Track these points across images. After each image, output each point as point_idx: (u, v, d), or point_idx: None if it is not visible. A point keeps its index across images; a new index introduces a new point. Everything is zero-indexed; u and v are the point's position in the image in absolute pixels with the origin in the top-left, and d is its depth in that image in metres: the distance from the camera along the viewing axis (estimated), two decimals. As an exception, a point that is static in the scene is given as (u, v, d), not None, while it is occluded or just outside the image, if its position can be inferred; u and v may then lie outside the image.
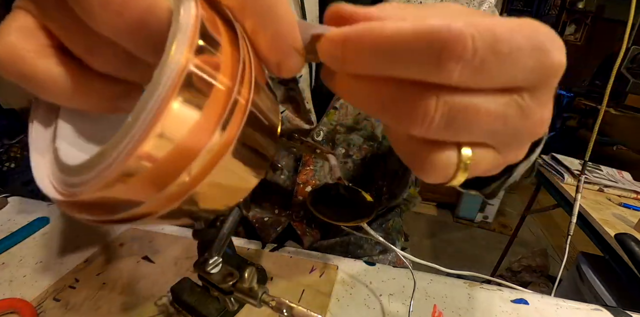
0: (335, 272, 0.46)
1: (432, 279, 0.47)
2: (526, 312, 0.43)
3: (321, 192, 0.41)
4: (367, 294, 0.43)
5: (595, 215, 0.93)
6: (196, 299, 0.37)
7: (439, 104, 0.13)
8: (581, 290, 1.02)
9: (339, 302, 0.42)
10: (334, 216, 0.38)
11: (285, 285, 0.43)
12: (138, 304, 0.39)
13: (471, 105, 0.13)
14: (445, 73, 0.12)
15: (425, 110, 0.13)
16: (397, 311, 0.41)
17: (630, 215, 0.95)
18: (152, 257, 0.46)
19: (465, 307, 0.43)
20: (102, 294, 0.40)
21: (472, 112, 0.13)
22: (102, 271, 0.43)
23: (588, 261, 1.05)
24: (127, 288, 0.41)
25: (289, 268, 0.46)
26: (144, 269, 0.44)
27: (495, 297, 0.45)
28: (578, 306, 0.45)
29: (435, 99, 0.13)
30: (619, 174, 1.22)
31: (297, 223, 0.56)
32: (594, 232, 0.92)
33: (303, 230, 0.56)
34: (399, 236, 0.68)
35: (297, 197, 0.54)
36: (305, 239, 0.56)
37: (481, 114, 0.13)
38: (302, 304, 0.30)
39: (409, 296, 0.43)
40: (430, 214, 2.40)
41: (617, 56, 0.60)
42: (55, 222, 0.53)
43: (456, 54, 0.12)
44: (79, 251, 0.47)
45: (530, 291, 0.47)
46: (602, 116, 0.65)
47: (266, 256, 0.48)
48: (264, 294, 0.24)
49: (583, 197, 1.01)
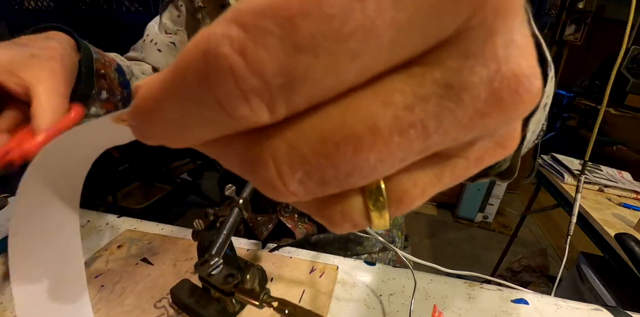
0: (335, 272, 0.46)
1: (432, 279, 0.47)
2: (526, 312, 0.43)
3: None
4: (367, 294, 0.43)
5: (595, 215, 0.93)
6: (196, 300, 0.37)
7: (283, 173, 0.08)
8: (581, 290, 1.02)
9: (339, 302, 0.42)
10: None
11: (285, 285, 0.43)
12: (137, 306, 0.39)
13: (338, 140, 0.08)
14: (244, 120, 0.08)
15: (272, 186, 0.09)
16: (397, 311, 0.41)
17: (630, 215, 0.95)
18: (151, 259, 0.46)
19: (465, 307, 0.43)
20: (101, 297, 0.39)
21: (349, 150, 0.08)
22: (100, 273, 0.43)
23: (588, 261, 1.04)
24: (126, 290, 0.41)
25: (289, 268, 0.46)
26: (143, 271, 0.44)
27: (495, 297, 0.45)
28: (578, 306, 0.45)
29: (274, 166, 0.08)
30: (619, 174, 1.22)
31: (286, 218, 0.56)
32: (594, 232, 0.92)
33: (294, 224, 0.56)
34: (399, 233, 0.68)
35: None
36: (297, 231, 0.56)
37: (366, 143, 0.08)
38: (303, 305, 0.30)
39: (409, 296, 0.43)
40: (430, 214, 2.40)
41: (617, 56, 0.60)
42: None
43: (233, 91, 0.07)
44: (79, 252, 0.47)
45: (530, 291, 0.47)
46: (602, 116, 0.64)
47: (266, 257, 0.48)
48: (265, 295, 0.24)
49: (583, 197, 1.01)
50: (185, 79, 0.08)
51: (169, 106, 0.08)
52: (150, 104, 0.09)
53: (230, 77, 0.07)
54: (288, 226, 0.56)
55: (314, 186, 0.08)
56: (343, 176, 0.08)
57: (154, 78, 0.09)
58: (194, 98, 0.08)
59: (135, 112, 0.09)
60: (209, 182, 2.30)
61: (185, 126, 0.09)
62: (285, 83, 0.07)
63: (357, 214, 0.09)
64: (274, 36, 0.07)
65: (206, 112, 0.08)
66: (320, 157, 0.08)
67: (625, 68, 2.44)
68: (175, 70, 0.08)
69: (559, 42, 2.15)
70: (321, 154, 0.08)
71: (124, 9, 2.21)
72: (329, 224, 0.10)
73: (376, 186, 0.09)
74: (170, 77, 0.08)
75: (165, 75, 0.08)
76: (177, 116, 0.09)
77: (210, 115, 0.08)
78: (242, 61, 0.07)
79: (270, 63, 0.07)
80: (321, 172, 0.08)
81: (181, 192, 2.10)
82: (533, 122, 0.18)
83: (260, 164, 0.08)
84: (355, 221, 0.10)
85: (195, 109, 0.08)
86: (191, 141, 0.09)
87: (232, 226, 0.29)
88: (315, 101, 0.08)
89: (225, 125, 0.08)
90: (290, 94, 0.07)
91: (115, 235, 0.50)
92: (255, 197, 0.57)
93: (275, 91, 0.07)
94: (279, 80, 0.07)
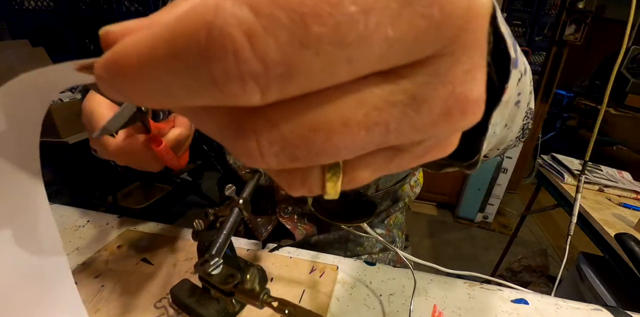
0: (335, 272, 0.46)
1: (432, 279, 0.47)
2: (526, 312, 0.43)
3: (321, 193, 0.41)
4: (367, 294, 0.43)
5: (595, 215, 0.93)
6: (196, 300, 0.37)
7: (262, 145, 0.09)
8: (581, 290, 1.02)
9: (339, 302, 0.42)
10: (334, 215, 0.38)
11: (285, 285, 0.43)
12: (137, 306, 0.39)
13: (315, 126, 0.09)
14: (235, 99, 0.08)
15: (248, 153, 0.09)
16: (397, 311, 0.41)
17: (630, 215, 0.95)
18: (151, 259, 0.46)
19: (465, 307, 0.43)
20: (101, 297, 0.39)
21: (322, 136, 0.09)
22: (100, 274, 0.43)
23: (588, 261, 1.04)
24: (126, 290, 0.41)
25: (289, 268, 0.46)
26: (143, 270, 0.44)
27: (495, 297, 0.45)
28: (578, 306, 0.45)
29: (254, 138, 0.09)
30: (619, 174, 1.22)
31: (285, 219, 0.56)
32: (594, 232, 0.92)
33: (293, 225, 0.56)
34: (399, 233, 0.67)
35: (280, 192, 0.54)
36: (297, 232, 0.56)
37: (335, 134, 0.09)
38: (303, 305, 0.30)
39: (409, 296, 0.43)
40: (430, 214, 2.40)
41: (617, 56, 0.60)
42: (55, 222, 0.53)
43: (232, 70, 0.08)
44: (78, 253, 0.47)
45: (530, 291, 0.47)
46: (602, 116, 0.64)
47: (266, 257, 0.48)
48: (265, 295, 0.24)
49: (583, 197, 1.01)
50: (180, 45, 0.08)
51: (155, 68, 0.08)
52: (133, 61, 0.08)
53: (232, 57, 0.07)
54: (287, 227, 0.56)
55: (285, 159, 0.09)
56: (312, 155, 0.09)
57: (140, 34, 0.09)
58: (185, 66, 0.08)
59: (113, 66, 0.09)
60: (209, 182, 2.30)
61: (167, 91, 0.09)
62: (283, 73, 0.08)
63: (315, 183, 0.11)
64: (285, 29, 0.07)
65: (195, 83, 0.08)
66: (297, 137, 0.09)
67: (625, 68, 2.44)
68: (171, 33, 0.08)
69: (559, 42, 2.15)
70: (298, 135, 0.09)
71: (124, 9, 2.21)
72: (288, 187, 0.11)
73: (335, 162, 0.11)
74: (161, 38, 0.08)
75: (155, 34, 0.08)
76: (161, 80, 0.08)
77: (199, 87, 0.08)
78: (247, 44, 0.07)
79: (274, 52, 0.07)
80: (294, 149, 0.09)
81: (181, 192, 2.10)
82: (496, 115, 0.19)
83: (242, 135, 0.09)
84: (311, 188, 0.11)
85: (184, 77, 0.08)
86: (167, 105, 0.10)
87: (232, 226, 0.29)
88: (304, 92, 0.09)
89: (211, 99, 0.08)
90: (286, 83, 0.08)
91: (115, 235, 0.50)
92: (255, 199, 0.57)
93: (273, 79, 0.08)
94: (279, 70, 0.08)
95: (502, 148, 0.32)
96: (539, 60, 2.87)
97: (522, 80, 0.22)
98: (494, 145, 0.29)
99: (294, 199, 0.55)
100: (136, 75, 0.09)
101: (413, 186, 0.67)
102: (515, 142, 0.33)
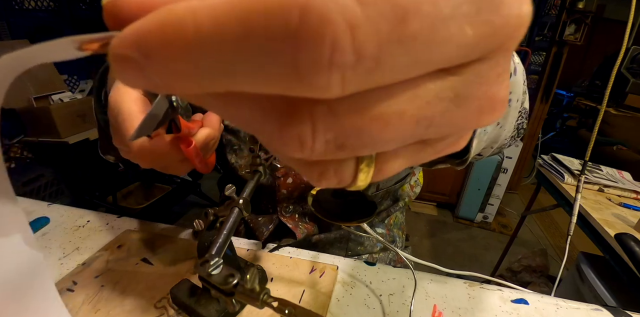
0: (335, 272, 0.46)
1: (432, 279, 0.47)
2: (526, 312, 0.43)
3: (322, 193, 0.41)
4: (367, 294, 0.43)
5: (595, 215, 0.93)
6: (196, 300, 0.37)
7: (317, 132, 0.09)
8: (581, 290, 1.02)
9: (339, 302, 0.42)
10: (335, 216, 0.38)
11: (285, 285, 0.43)
12: (137, 306, 0.39)
13: (374, 117, 0.09)
14: (314, 90, 0.08)
15: (298, 140, 0.09)
16: (397, 311, 0.41)
17: (630, 215, 0.95)
18: (151, 259, 0.46)
19: (465, 307, 0.43)
20: (101, 297, 0.39)
21: (377, 127, 0.09)
22: (100, 274, 0.43)
23: (588, 261, 1.05)
24: (126, 290, 0.41)
25: (289, 269, 0.46)
26: (143, 270, 0.44)
27: (495, 297, 0.45)
28: (578, 306, 0.45)
29: (310, 125, 0.09)
30: (619, 174, 1.21)
31: (286, 218, 0.56)
32: (594, 232, 0.92)
33: (294, 224, 0.56)
34: (399, 233, 0.67)
35: (281, 191, 0.54)
36: (298, 231, 0.56)
37: (389, 125, 0.09)
38: (303, 305, 0.30)
39: (409, 296, 0.43)
40: (430, 214, 2.40)
41: (617, 56, 0.60)
42: (55, 222, 0.53)
43: (324, 60, 0.07)
44: (78, 253, 0.47)
45: (530, 291, 0.47)
46: (602, 116, 0.64)
47: (266, 257, 0.48)
48: (265, 295, 0.24)
49: (583, 197, 1.01)
50: (261, 22, 0.07)
51: (221, 44, 0.07)
52: (188, 34, 0.07)
53: (329, 46, 0.07)
54: (289, 226, 0.56)
55: (333, 147, 0.09)
56: (361, 144, 0.09)
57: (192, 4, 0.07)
58: (260, 47, 0.07)
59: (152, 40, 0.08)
60: (209, 182, 2.30)
61: (226, 72, 0.08)
62: (372, 68, 0.07)
63: (348, 173, 0.11)
64: (388, 22, 0.07)
65: (269, 67, 0.07)
66: (354, 127, 0.09)
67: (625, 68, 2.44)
68: (252, 8, 0.07)
69: (559, 42, 2.15)
70: (356, 125, 0.09)
71: (124, 9, 2.21)
72: (318, 177, 0.11)
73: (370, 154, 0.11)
74: (235, 10, 0.07)
75: (222, 8, 0.07)
76: (224, 59, 0.07)
77: (273, 72, 0.07)
78: (349, 34, 0.07)
79: (372, 46, 0.07)
80: (347, 138, 0.09)
81: (181, 192, 2.10)
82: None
83: (297, 121, 0.09)
84: (343, 178, 0.11)
85: (256, 59, 0.07)
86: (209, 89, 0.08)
87: (232, 226, 0.29)
88: (379, 86, 0.09)
89: (282, 86, 0.08)
90: (369, 78, 0.08)
91: (115, 235, 0.50)
92: (256, 199, 0.57)
93: (360, 73, 0.08)
94: (370, 64, 0.07)
95: (497, 147, 0.32)
96: (539, 60, 2.87)
97: (512, 80, 0.23)
98: (487, 143, 0.30)
99: (294, 198, 0.55)
100: (189, 53, 0.07)
101: (413, 186, 0.67)
102: (510, 142, 0.34)
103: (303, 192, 0.55)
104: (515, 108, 0.29)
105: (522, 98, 0.30)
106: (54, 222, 0.53)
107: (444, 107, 0.10)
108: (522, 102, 0.30)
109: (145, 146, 0.29)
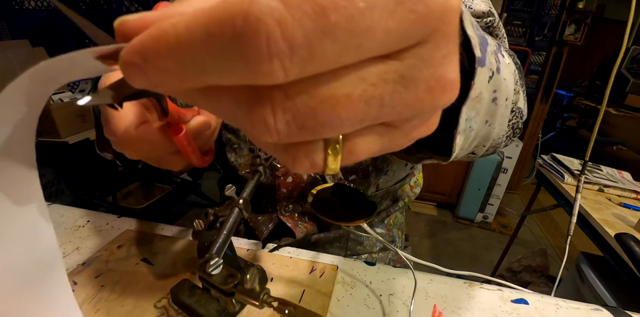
0: (335, 272, 0.46)
1: (432, 279, 0.47)
2: (526, 312, 0.43)
3: (321, 193, 0.41)
4: (367, 294, 0.43)
5: (595, 215, 0.93)
6: (196, 300, 0.37)
7: (277, 113, 0.11)
8: (581, 290, 1.02)
9: (339, 302, 0.42)
10: (334, 216, 0.38)
11: (285, 285, 0.43)
12: (137, 306, 0.39)
13: (323, 99, 0.11)
14: (263, 76, 0.10)
15: (264, 122, 0.11)
16: (397, 311, 0.41)
17: (630, 215, 0.95)
18: (151, 259, 0.46)
19: (465, 307, 0.43)
20: (101, 297, 0.39)
21: (329, 107, 0.11)
22: (100, 273, 0.43)
23: (588, 261, 1.05)
24: (126, 290, 0.41)
25: (289, 268, 0.46)
26: (143, 270, 0.44)
27: (495, 297, 0.45)
28: (578, 306, 0.45)
29: (270, 107, 0.11)
30: (619, 174, 1.22)
31: (286, 217, 0.56)
32: (594, 232, 0.92)
33: (294, 223, 0.56)
34: (399, 233, 0.68)
35: (281, 190, 0.54)
36: (298, 230, 0.56)
37: (339, 106, 0.11)
38: (303, 305, 0.30)
39: (409, 296, 0.43)
40: (430, 214, 2.40)
41: (617, 56, 0.60)
42: (55, 222, 0.53)
43: (263, 51, 0.09)
44: (78, 253, 0.47)
45: (530, 291, 0.47)
46: (602, 116, 0.65)
47: (266, 257, 0.48)
48: (265, 295, 0.24)
49: (583, 197, 1.01)
50: (218, 29, 0.09)
51: (194, 48, 0.10)
52: (171, 43, 0.10)
53: (264, 39, 0.09)
54: (288, 225, 0.56)
55: (295, 128, 0.11)
56: (318, 125, 0.11)
57: (175, 20, 0.10)
58: (221, 46, 0.09)
59: (149, 49, 0.10)
60: (209, 182, 2.30)
61: (202, 69, 0.10)
62: (305, 55, 0.09)
63: (317, 156, 0.12)
64: (309, 18, 0.09)
65: (228, 61, 0.10)
66: (307, 108, 0.11)
67: (625, 68, 2.44)
68: (209, 18, 0.09)
69: (559, 42, 2.15)
70: (309, 106, 0.11)
71: (124, 9, 2.21)
72: (293, 161, 0.13)
73: (335, 139, 0.12)
74: (200, 22, 0.09)
75: (192, 19, 0.10)
76: (198, 59, 0.10)
77: (232, 65, 0.10)
78: (278, 30, 0.09)
79: (300, 37, 0.09)
80: (304, 119, 0.11)
81: (181, 192, 2.10)
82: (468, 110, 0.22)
83: (259, 105, 0.11)
84: (314, 161, 0.13)
85: (219, 55, 0.10)
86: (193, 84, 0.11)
87: (232, 226, 0.29)
88: (319, 72, 0.10)
89: (241, 76, 0.10)
90: (306, 64, 0.10)
91: (115, 235, 0.50)
92: (256, 198, 0.57)
93: (296, 60, 0.09)
94: (302, 52, 0.09)
95: (490, 145, 0.32)
96: (539, 60, 2.87)
97: (495, 79, 0.24)
98: (478, 142, 0.29)
99: (294, 197, 0.55)
100: (174, 55, 0.10)
101: (413, 186, 0.67)
102: (506, 141, 0.34)
103: (303, 191, 0.55)
104: (506, 107, 0.28)
105: (515, 98, 0.30)
106: (54, 222, 0.53)
107: (391, 88, 0.11)
108: (515, 101, 0.30)
109: (130, 133, 0.27)
